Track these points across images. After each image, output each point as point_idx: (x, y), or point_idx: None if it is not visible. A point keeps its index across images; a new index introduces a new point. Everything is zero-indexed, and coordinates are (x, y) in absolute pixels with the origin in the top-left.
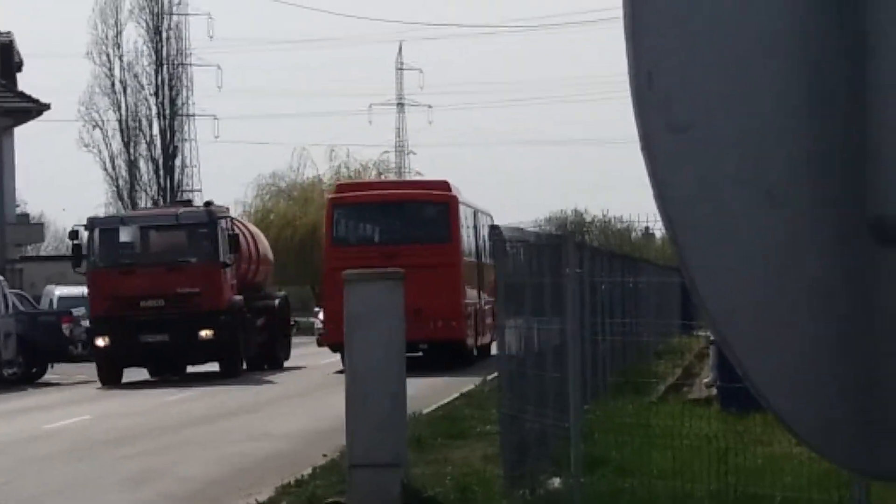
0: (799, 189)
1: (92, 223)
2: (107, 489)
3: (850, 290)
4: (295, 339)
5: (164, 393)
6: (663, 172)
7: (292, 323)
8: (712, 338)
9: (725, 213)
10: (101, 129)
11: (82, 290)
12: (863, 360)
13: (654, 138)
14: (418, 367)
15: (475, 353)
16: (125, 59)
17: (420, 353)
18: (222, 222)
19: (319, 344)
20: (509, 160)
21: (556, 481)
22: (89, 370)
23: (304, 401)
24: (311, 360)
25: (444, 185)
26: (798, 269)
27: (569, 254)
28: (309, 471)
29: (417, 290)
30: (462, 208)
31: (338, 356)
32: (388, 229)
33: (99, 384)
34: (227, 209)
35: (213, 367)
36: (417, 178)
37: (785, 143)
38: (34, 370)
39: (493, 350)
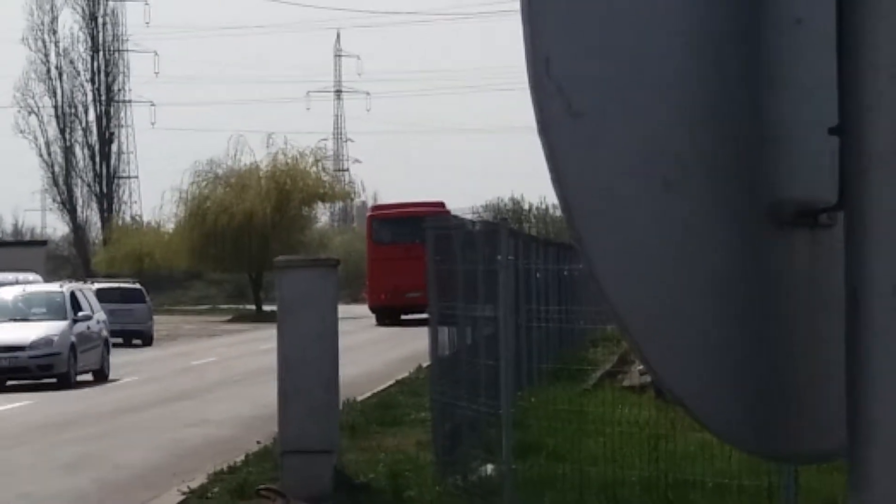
0: (694, 175)
1: None
2: (42, 475)
3: (748, 274)
4: (239, 325)
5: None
6: (560, 159)
7: None
8: None
9: (622, 201)
10: (36, 115)
11: (16, 276)
12: (763, 345)
13: (552, 125)
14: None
15: None
16: (61, 44)
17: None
18: None
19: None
20: (447, 147)
21: (489, 468)
22: None
23: (244, 386)
24: (251, 346)
25: (441, 205)
26: (696, 256)
27: (502, 241)
28: (242, 457)
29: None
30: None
31: None
32: (403, 233)
33: None
34: None
35: None
36: (357, 164)
37: (679, 131)
38: None
39: None
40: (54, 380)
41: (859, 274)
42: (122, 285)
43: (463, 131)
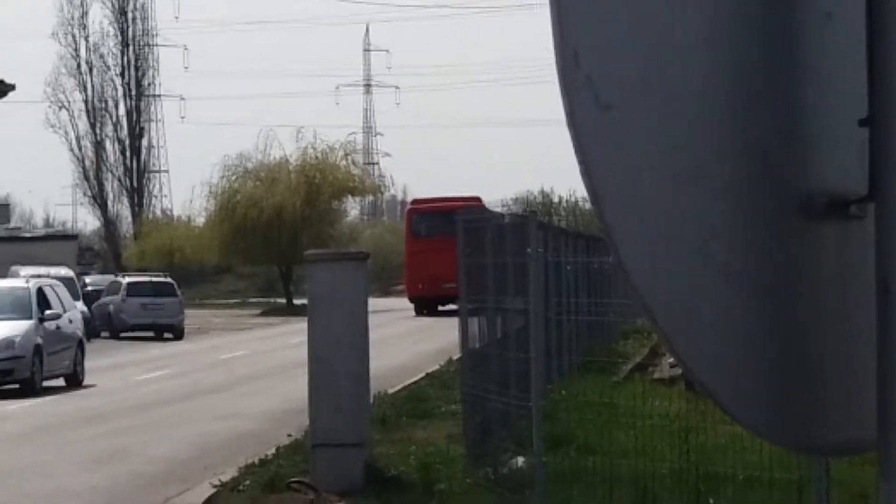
0: (723, 168)
1: None
2: (73, 469)
3: (778, 267)
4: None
5: (132, 373)
6: (588, 151)
7: None
8: None
9: (651, 193)
10: (67, 110)
11: (48, 269)
12: (793, 337)
13: (580, 117)
14: None
15: None
16: (91, 39)
17: None
18: None
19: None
20: (476, 141)
21: (519, 460)
22: None
23: (275, 380)
24: (281, 339)
25: (478, 199)
26: (725, 248)
27: (532, 234)
28: (273, 450)
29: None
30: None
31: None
32: (440, 226)
33: None
34: None
35: None
36: (386, 158)
37: (708, 123)
38: None
39: None
40: (16, 386)
41: (890, 265)
42: (154, 279)
43: (492, 125)
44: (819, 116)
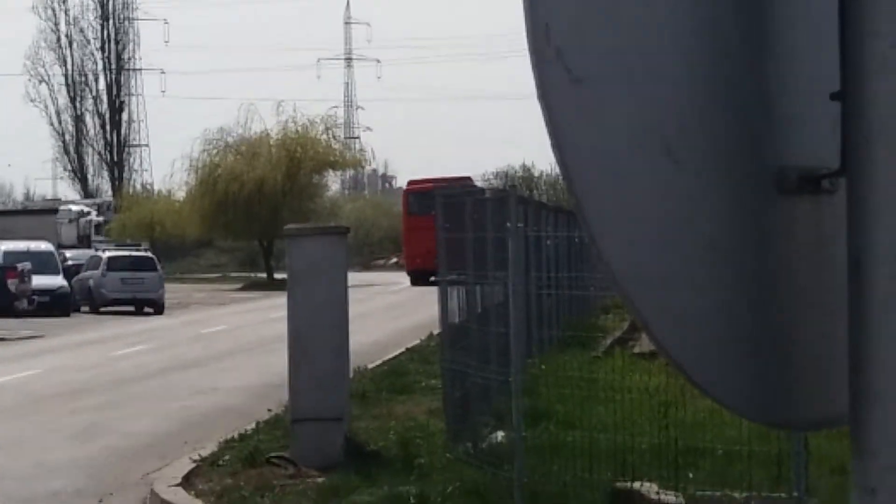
0: (696, 142)
1: None
2: (52, 444)
3: (750, 241)
4: (250, 293)
5: (112, 347)
6: (560, 126)
7: None
8: None
9: (623, 168)
10: (46, 83)
11: (28, 244)
12: (765, 312)
13: (551, 91)
14: None
15: None
16: (71, 13)
17: None
18: None
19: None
20: (458, 114)
21: (499, 435)
22: (35, 325)
23: (255, 355)
24: (262, 314)
25: (468, 179)
26: (697, 223)
27: (512, 209)
28: (253, 425)
29: None
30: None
31: None
32: (433, 205)
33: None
34: None
35: None
36: (367, 132)
37: (681, 98)
38: None
39: None
40: None
41: (862, 240)
42: (134, 253)
43: (474, 98)
44: (791, 90)
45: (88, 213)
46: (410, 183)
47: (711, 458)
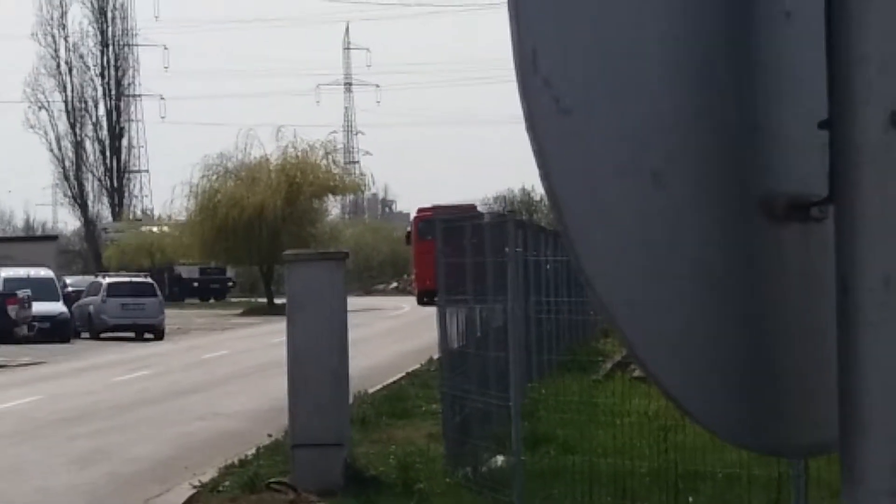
0: (683, 170)
1: None
2: (53, 470)
3: (739, 269)
4: (250, 319)
5: (113, 373)
6: (548, 155)
7: None
8: None
9: (610, 196)
10: (46, 110)
11: (27, 271)
12: (754, 339)
13: (539, 120)
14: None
15: None
16: (70, 39)
17: None
18: None
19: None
20: (458, 139)
21: (499, 459)
22: (36, 352)
23: (256, 380)
24: (262, 339)
25: (473, 207)
26: (685, 251)
27: (510, 233)
28: (253, 451)
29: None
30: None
31: None
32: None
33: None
34: None
35: None
36: (367, 157)
37: (668, 125)
38: None
39: None
40: None
41: (850, 267)
42: (134, 279)
43: (474, 123)
44: (779, 118)
45: None
46: (419, 210)
47: (712, 481)
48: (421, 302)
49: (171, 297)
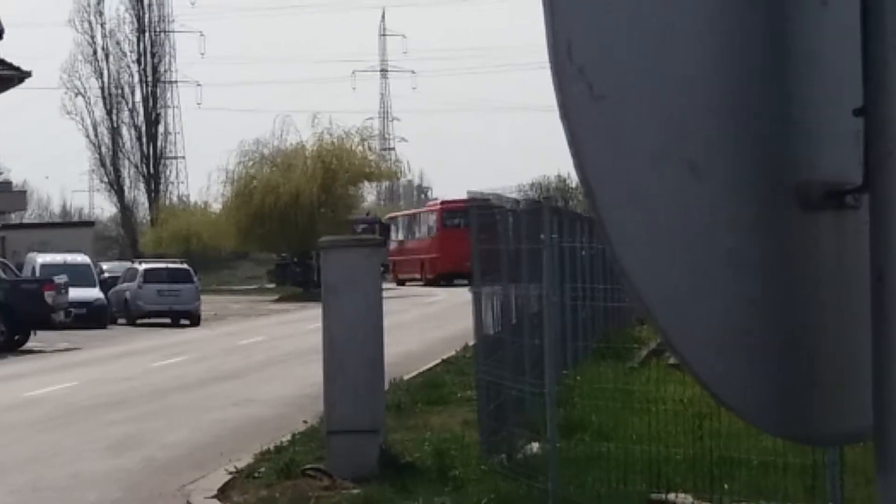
0: (720, 158)
1: None
2: (88, 456)
3: (774, 257)
4: (286, 305)
5: (149, 359)
6: (582, 143)
7: None
8: None
9: (645, 184)
10: (83, 96)
11: (64, 257)
12: (788, 327)
13: (573, 108)
14: None
15: None
16: (107, 26)
17: None
18: None
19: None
20: (493, 125)
21: (534, 446)
22: (72, 338)
23: (291, 366)
24: (298, 325)
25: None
26: (720, 239)
27: (546, 220)
28: (289, 437)
29: None
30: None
31: None
32: (462, 219)
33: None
34: None
35: None
36: (403, 143)
37: (704, 114)
38: (16, 338)
39: None
40: None
41: (884, 255)
42: (170, 266)
43: (509, 109)
44: (815, 106)
45: None
46: (444, 202)
47: (747, 469)
48: (435, 283)
49: None
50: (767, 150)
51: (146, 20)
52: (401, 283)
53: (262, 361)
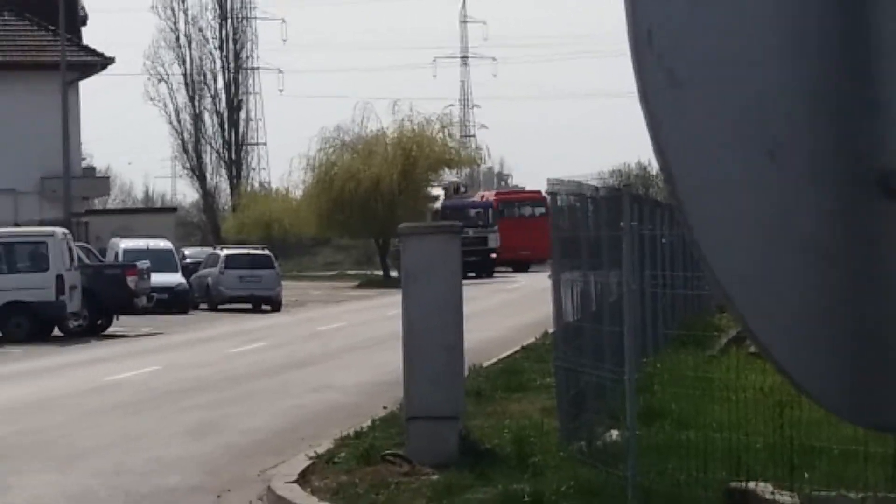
0: (800, 145)
1: None
2: (167, 440)
3: (853, 244)
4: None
5: (230, 345)
6: (661, 129)
7: None
8: None
9: (724, 170)
10: (166, 82)
11: (147, 242)
12: (865, 314)
13: (652, 94)
14: None
15: None
16: (189, 12)
17: None
18: None
19: None
20: (574, 112)
21: (614, 434)
22: (154, 322)
23: (371, 352)
24: (377, 311)
25: (538, 192)
26: (800, 225)
27: (626, 208)
28: (368, 423)
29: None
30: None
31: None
32: (516, 210)
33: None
34: None
35: None
36: (483, 130)
37: (783, 100)
38: (99, 322)
39: None
40: None
41: None
42: (251, 251)
43: (590, 96)
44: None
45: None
46: (498, 194)
47: (827, 457)
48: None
49: None
50: (849, 135)
51: (228, 7)
52: None
53: (340, 348)
